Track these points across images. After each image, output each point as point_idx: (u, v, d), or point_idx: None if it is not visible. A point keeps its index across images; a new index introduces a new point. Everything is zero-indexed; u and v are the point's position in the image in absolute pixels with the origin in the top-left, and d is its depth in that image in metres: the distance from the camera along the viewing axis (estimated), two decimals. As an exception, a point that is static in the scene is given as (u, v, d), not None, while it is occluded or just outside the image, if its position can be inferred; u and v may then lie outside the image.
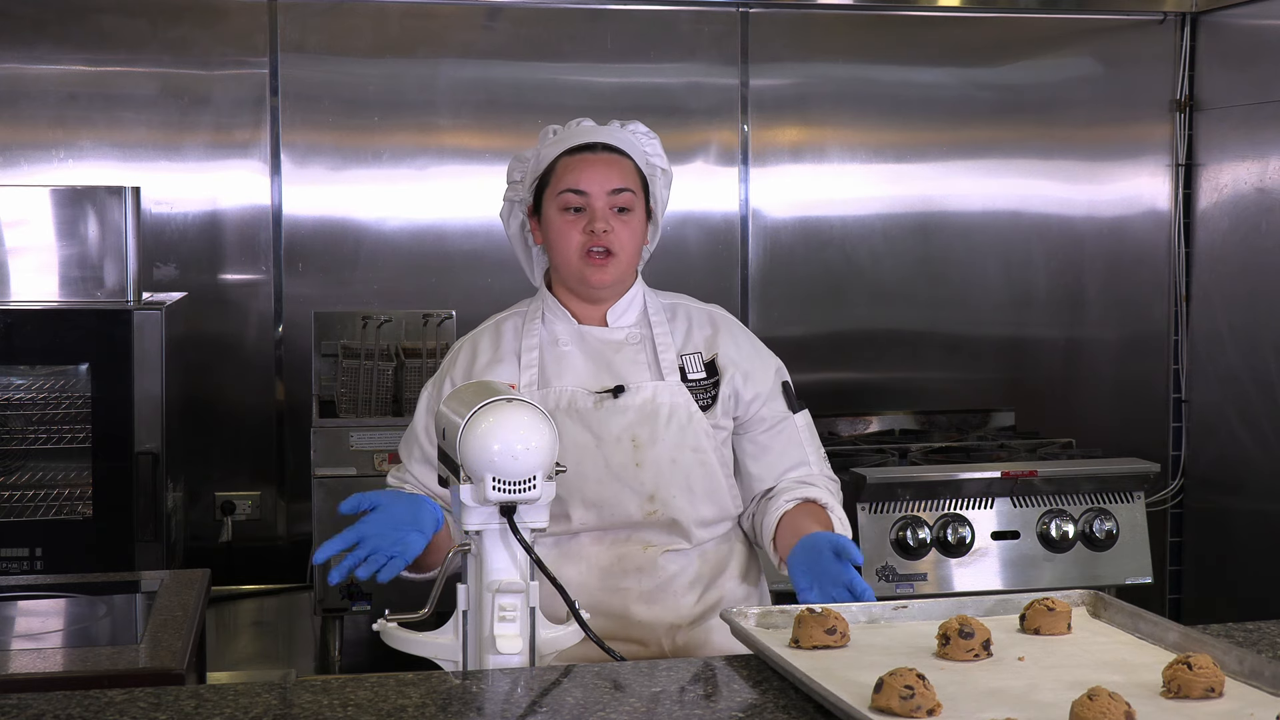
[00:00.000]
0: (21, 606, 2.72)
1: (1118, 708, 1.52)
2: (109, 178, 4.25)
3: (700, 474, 2.40)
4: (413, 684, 1.74)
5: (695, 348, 2.47)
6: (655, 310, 2.49)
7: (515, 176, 2.55)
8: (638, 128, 2.51)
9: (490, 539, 1.90)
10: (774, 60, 4.67)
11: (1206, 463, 4.82)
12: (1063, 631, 1.92)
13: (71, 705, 1.66)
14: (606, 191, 2.41)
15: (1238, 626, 1.98)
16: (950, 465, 4.04)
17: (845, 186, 4.77)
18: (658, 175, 2.52)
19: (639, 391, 2.40)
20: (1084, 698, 1.54)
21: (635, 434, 2.38)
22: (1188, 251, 4.88)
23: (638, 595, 2.37)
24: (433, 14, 4.52)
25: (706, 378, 2.45)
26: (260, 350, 4.47)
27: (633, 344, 2.45)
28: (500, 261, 4.54)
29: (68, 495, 3.72)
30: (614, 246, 2.40)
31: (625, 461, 2.37)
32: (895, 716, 1.58)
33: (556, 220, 2.43)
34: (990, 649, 1.82)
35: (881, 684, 1.61)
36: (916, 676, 1.60)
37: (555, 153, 2.46)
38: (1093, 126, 4.87)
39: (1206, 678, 1.63)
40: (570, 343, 2.45)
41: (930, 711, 1.58)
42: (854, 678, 1.70)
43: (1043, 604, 1.93)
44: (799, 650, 1.86)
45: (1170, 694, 1.65)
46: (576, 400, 2.39)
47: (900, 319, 4.80)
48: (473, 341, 2.51)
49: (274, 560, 4.43)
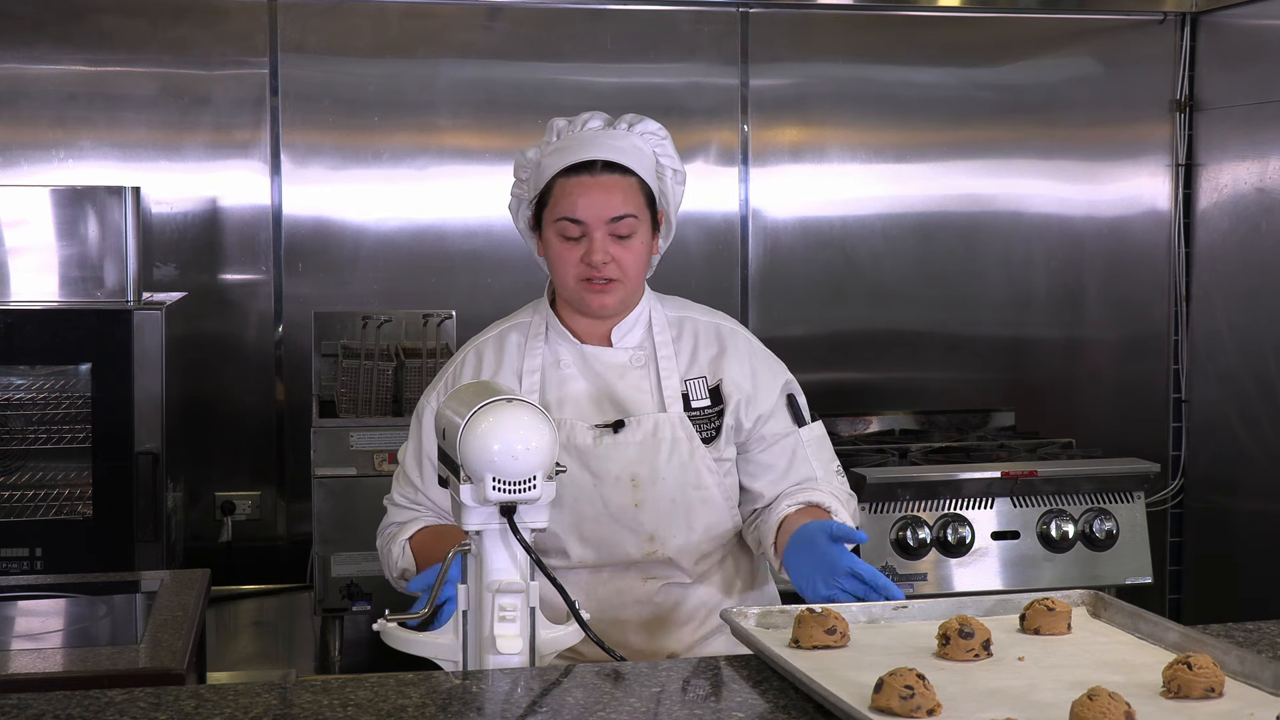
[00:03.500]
0: (21, 606, 2.72)
1: (1118, 708, 1.52)
2: (109, 178, 4.25)
3: (701, 511, 2.34)
4: (413, 684, 1.74)
5: (700, 371, 2.39)
6: (661, 328, 2.41)
7: (521, 175, 2.45)
8: (647, 127, 2.40)
9: (490, 539, 1.90)
10: (774, 60, 4.67)
11: (1206, 463, 4.82)
12: (1063, 631, 1.92)
13: (71, 705, 1.66)
14: (605, 220, 2.30)
15: (1238, 626, 1.98)
16: (950, 465, 4.04)
17: (845, 186, 4.77)
18: (668, 176, 2.42)
19: (639, 426, 2.33)
20: (1084, 698, 1.54)
21: (635, 473, 2.32)
22: (1188, 251, 4.88)
23: (637, 626, 2.34)
24: (433, 14, 4.52)
25: (710, 406, 2.37)
26: (260, 350, 4.47)
27: (637, 367, 2.38)
28: (500, 261, 4.55)
29: (68, 495, 3.72)
30: (615, 274, 2.32)
31: (624, 503, 2.31)
32: (895, 716, 1.58)
33: (555, 244, 2.35)
34: (990, 649, 1.82)
35: (881, 684, 1.61)
36: (916, 676, 1.60)
37: (554, 168, 2.35)
38: (1093, 126, 4.87)
39: (1206, 678, 1.63)
40: (572, 364, 2.38)
41: (930, 711, 1.58)
42: (854, 678, 1.70)
43: (1043, 604, 1.93)
44: (799, 650, 1.85)
45: (1170, 694, 1.65)
46: (575, 435, 2.32)
47: (900, 319, 4.80)
48: (476, 353, 2.43)
49: (274, 560, 4.43)
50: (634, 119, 2.40)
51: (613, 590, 2.34)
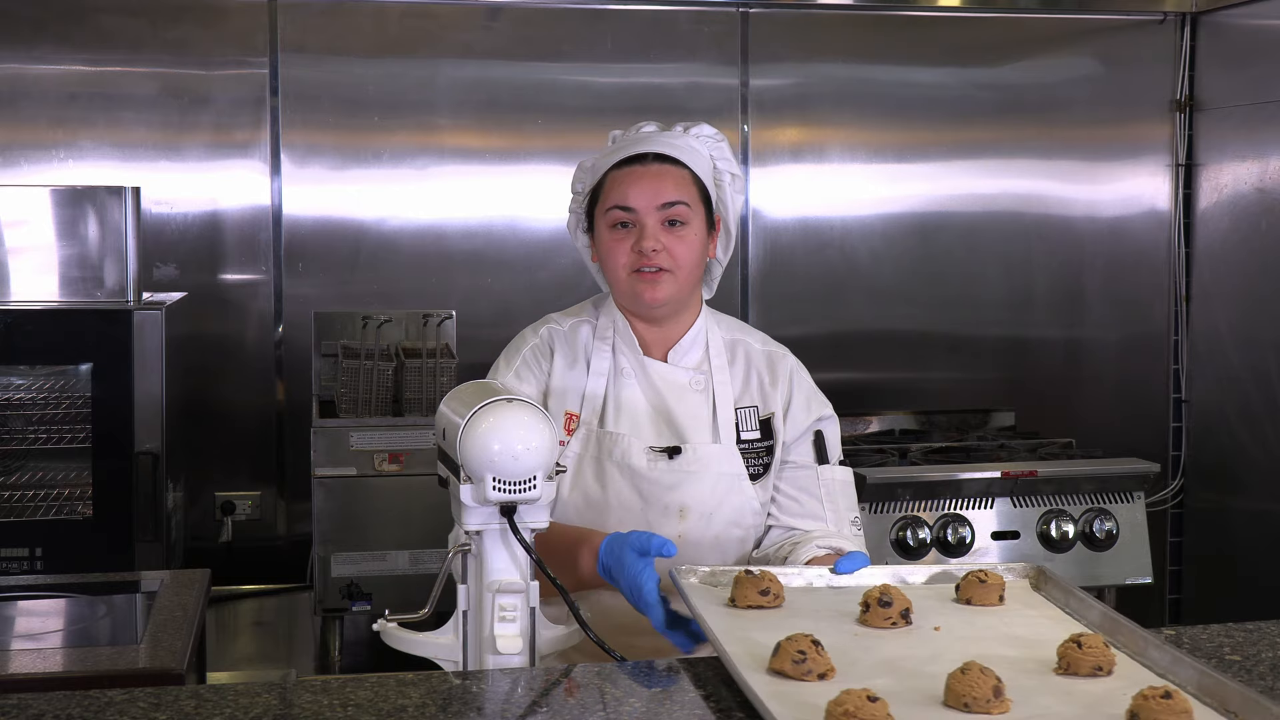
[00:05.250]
0: (21, 606, 2.72)
1: (987, 681, 1.55)
2: (109, 178, 4.25)
3: (736, 550, 2.33)
4: (413, 684, 1.74)
5: (752, 400, 2.37)
6: (718, 350, 2.38)
7: (578, 187, 2.42)
8: (703, 130, 2.38)
9: (490, 539, 1.90)
10: (774, 60, 4.67)
11: (1206, 463, 4.82)
12: (994, 603, 1.94)
13: (71, 705, 1.66)
14: (656, 206, 2.28)
15: (1238, 626, 1.98)
16: (950, 465, 4.04)
17: (845, 186, 4.77)
18: (726, 181, 2.39)
19: (695, 455, 2.30)
20: (957, 671, 1.57)
21: (684, 504, 2.29)
22: (1188, 251, 4.88)
23: (652, 650, 2.32)
24: (433, 14, 4.52)
25: (760, 439, 2.35)
26: (260, 350, 4.47)
27: (696, 390, 2.35)
28: (501, 261, 4.55)
29: (68, 495, 3.73)
30: (667, 264, 2.29)
31: (669, 533, 2.27)
32: (788, 679, 1.63)
33: (606, 238, 2.32)
34: (909, 618, 1.85)
35: (778, 648, 1.66)
36: (811, 643, 1.65)
37: (606, 165, 2.34)
38: (1093, 126, 4.87)
39: (1094, 657, 1.66)
40: (633, 374, 2.35)
41: (822, 676, 1.63)
42: (763, 640, 1.73)
43: (976, 575, 1.96)
44: (733, 609, 1.89)
45: (1061, 671, 1.68)
46: (630, 455, 2.29)
47: (900, 319, 4.80)
48: (549, 338, 2.38)
49: (274, 560, 4.43)
50: (690, 124, 2.39)
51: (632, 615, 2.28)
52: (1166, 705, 1.49)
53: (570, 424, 2.34)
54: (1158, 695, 1.50)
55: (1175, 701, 1.49)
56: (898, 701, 1.52)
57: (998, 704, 1.54)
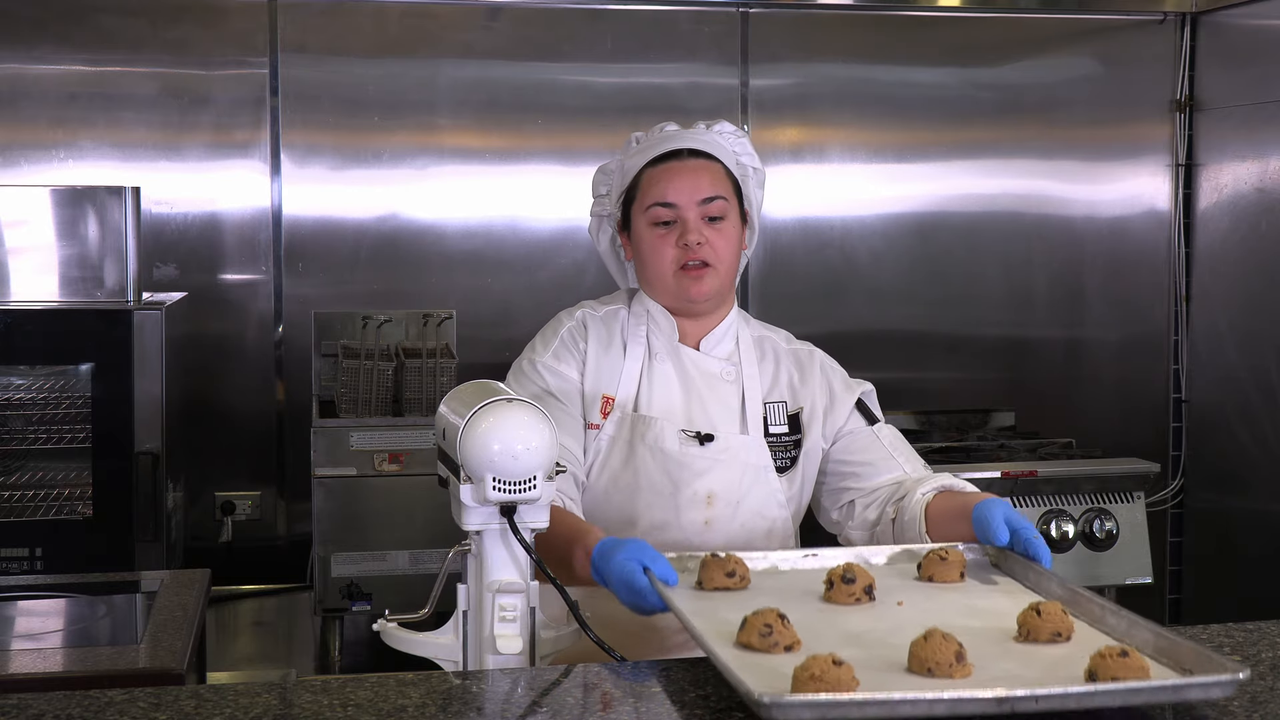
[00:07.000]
0: (21, 606, 2.72)
1: (949, 647, 1.59)
2: (109, 178, 4.25)
3: (762, 542, 2.34)
4: (413, 684, 1.74)
5: (780, 395, 2.41)
6: (747, 345, 2.42)
7: (601, 190, 2.45)
8: (724, 128, 2.43)
9: (490, 539, 1.90)
10: (774, 60, 4.67)
11: (1206, 463, 4.82)
12: (955, 580, 1.99)
13: (71, 705, 1.66)
14: (697, 201, 2.32)
15: (1238, 626, 1.98)
16: (950, 465, 4.03)
17: (845, 186, 4.77)
18: (750, 176, 2.44)
19: (725, 444, 2.33)
20: (920, 638, 1.61)
21: (712, 489, 2.32)
22: (1188, 251, 4.88)
23: (674, 645, 2.32)
24: (433, 14, 4.52)
25: (789, 434, 2.39)
26: (260, 350, 4.47)
27: (727, 381, 2.38)
28: (500, 261, 4.55)
29: (68, 495, 3.73)
30: (710, 258, 2.33)
31: (696, 518, 2.31)
32: (755, 651, 1.68)
33: (647, 236, 2.35)
34: (872, 594, 1.90)
35: (745, 622, 1.70)
36: (777, 616, 1.70)
37: (640, 163, 2.37)
38: (1093, 126, 4.88)
39: (1053, 624, 1.71)
40: (667, 359, 2.38)
41: (788, 648, 1.68)
42: (732, 617, 1.76)
43: (937, 554, 2.02)
44: (700, 591, 1.93)
45: (1020, 638, 1.72)
46: (664, 438, 2.32)
47: (900, 319, 4.80)
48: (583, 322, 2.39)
49: (274, 560, 4.43)
50: (710, 121, 2.44)
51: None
52: (1123, 663, 1.53)
53: (606, 408, 2.36)
54: (1114, 654, 1.54)
55: (1131, 659, 1.54)
56: (863, 668, 1.56)
57: (960, 668, 1.58)
